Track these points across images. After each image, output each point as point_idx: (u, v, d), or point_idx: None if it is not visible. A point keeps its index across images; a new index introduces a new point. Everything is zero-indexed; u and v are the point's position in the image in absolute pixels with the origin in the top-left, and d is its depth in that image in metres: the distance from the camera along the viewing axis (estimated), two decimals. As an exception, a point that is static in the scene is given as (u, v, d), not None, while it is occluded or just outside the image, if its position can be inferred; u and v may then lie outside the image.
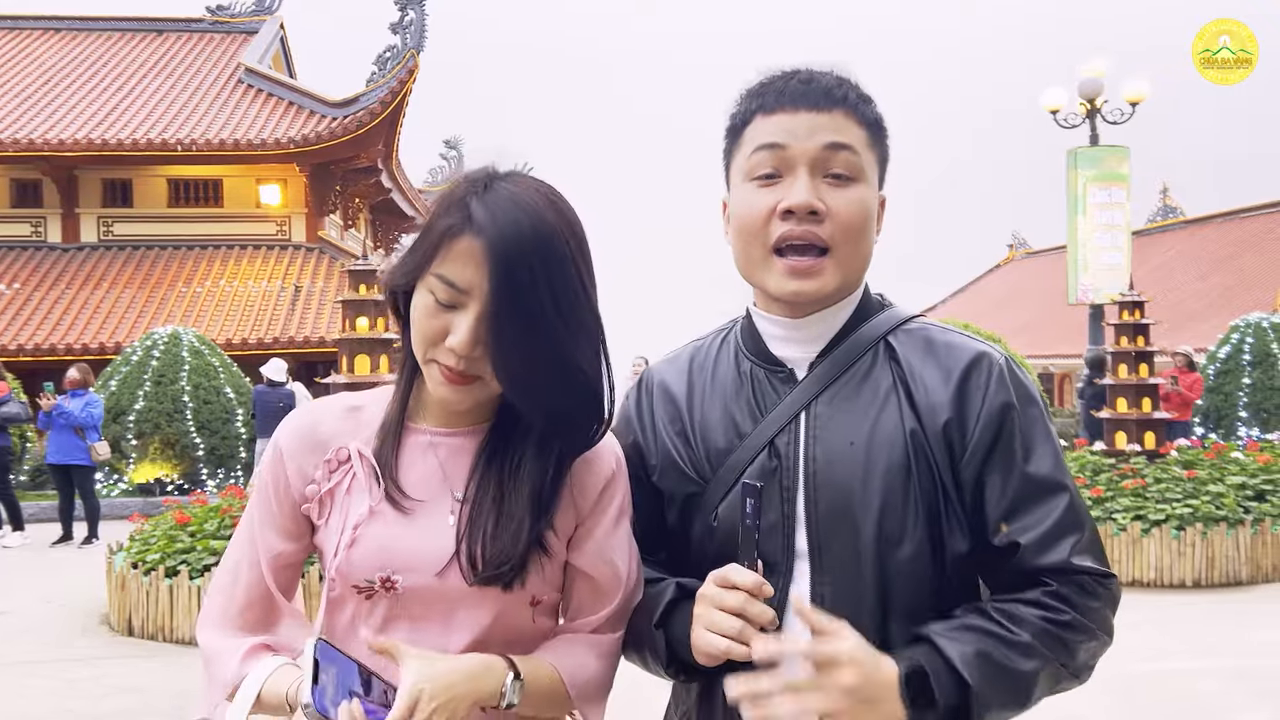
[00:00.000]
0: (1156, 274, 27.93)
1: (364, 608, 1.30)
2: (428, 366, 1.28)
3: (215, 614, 1.37)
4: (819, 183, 1.29)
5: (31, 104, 21.14)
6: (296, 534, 1.36)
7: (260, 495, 1.37)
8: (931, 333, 1.38)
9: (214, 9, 25.95)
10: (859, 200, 1.31)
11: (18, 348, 17.22)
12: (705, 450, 1.37)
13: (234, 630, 1.35)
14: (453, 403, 1.29)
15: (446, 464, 1.33)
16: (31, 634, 6.84)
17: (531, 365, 1.22)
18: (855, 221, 1.30)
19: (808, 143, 1.29)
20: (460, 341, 1.22)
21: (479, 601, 1.28)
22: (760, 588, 1.22)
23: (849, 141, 1.30)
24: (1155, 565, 7.74)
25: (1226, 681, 5.41)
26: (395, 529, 1.28)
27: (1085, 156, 15.75)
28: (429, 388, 1.29)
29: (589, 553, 1.34)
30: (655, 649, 1.33)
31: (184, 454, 13.58)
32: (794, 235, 1.29)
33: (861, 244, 1.32)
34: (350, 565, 1.28)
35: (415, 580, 1.27)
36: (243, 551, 1.38)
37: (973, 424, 1.29)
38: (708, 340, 1.50)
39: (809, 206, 1.28)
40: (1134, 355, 8.79)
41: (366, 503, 1.30)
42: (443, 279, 1.23)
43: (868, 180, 1.32)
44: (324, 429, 1.35)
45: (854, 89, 1.35)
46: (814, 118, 1.30)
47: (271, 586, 1.35)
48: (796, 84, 1.33)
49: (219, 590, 1.38)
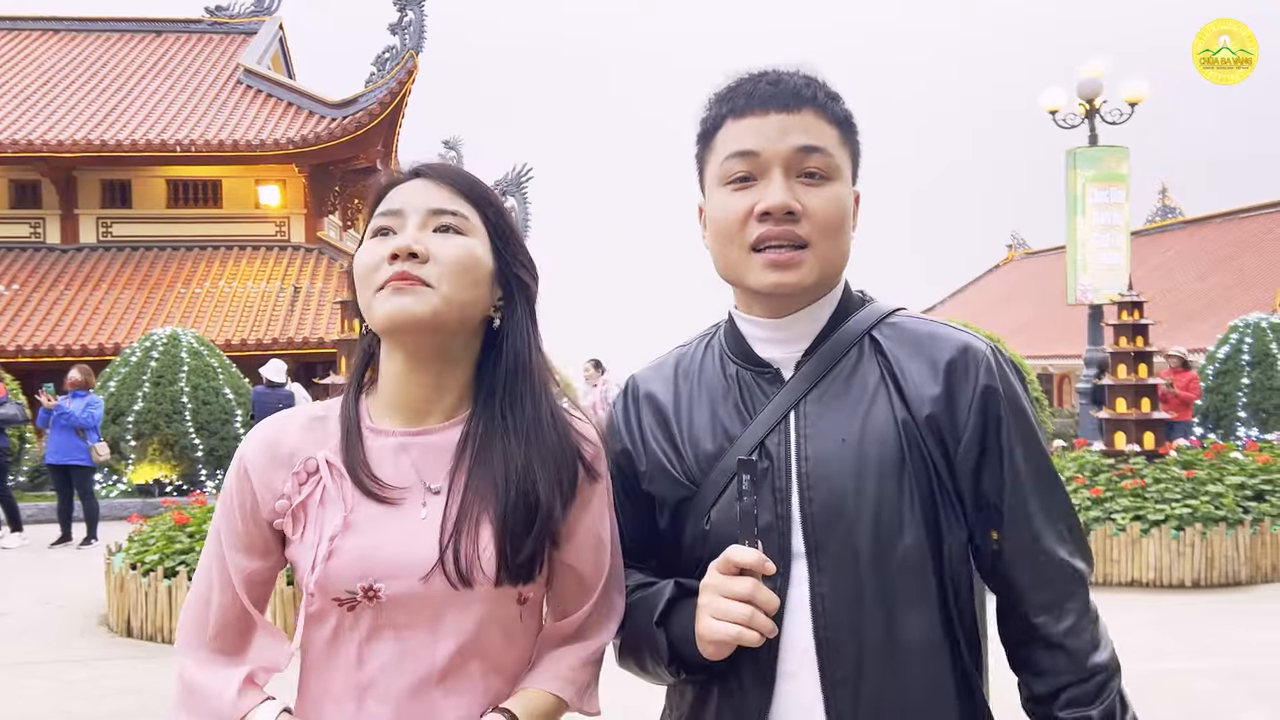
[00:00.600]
0: (1155, 274, 27.94)
1: (347, 620, 1.27)
2: (375, 300, 1.26)
3: (191, 639, 1.34)
4: (793, 183, 1.30)
5: (30, 105, 21.12)
6: (265, 551, 1.33)
7: (226, 515, 1.33)
8: (916, 325, 1.38)
9: (213, 10, 25.93)
10: (834, 198, 1.31)
11: (16, 349, 17.21)
12: (695, 455, 1.37)
13: (213, 655, 1.32)
14: (402, 314, 1.24)
15: (419, 464, 1.30)
16: (30, 635, 6.83)
17: (506, 227, 1.34)
18: (832, 219, 1.31)
19: (780, 145, 1.30)
20: (403, 239, 1.26)
21: (466, 603, 1.25)
22: (763, 564, 1.22)
23: (820, 142, 1.31)
24: (1154, 565, 7.74)
25: (1226, 681, 5.41)
26: (373, 537, 1.25)
27: (1084, 157, 15.75)
28: (376, 320, 1.27)
29: (576, 544, 1.34)
30: (656, 648, 1.32)
31: (183, 455, 13.56)
32: (772, 235, 1.30)
33: (839, 240, 1.33)
34: (329, 578, 1.24)
35: (399, 587, 1.24)
36: (213, 573, 1.34)
37: (964, 413, 1.30)
38: (691, 346, 1.50)
39: (785, 207, 1.28)
40: (1133, 355, 8.79)
41: (340, 513, 1.26)
42: (379, 215, 1.31)
43: (842, 178, 1.33)
44: (288, 442, 1.32)
45: (821, 88, 1.35)
46: (784, 119, 1.31)
47: (247, 604, 1.32)
48: (765, 86, 1.34)
49: (192, 615, 1.35)
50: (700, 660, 1.28)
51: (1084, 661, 1.30)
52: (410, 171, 1.34)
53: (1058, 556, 1.31)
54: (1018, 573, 1.31)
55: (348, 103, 20.88)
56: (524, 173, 22.31)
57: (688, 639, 1.28)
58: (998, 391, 1.30)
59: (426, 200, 1.29)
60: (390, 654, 1.26)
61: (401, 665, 1.27)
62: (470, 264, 1.28)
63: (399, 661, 1.26)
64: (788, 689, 1.28)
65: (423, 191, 1.30)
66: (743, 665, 1.28)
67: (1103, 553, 7.84)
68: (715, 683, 1.32)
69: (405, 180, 1.33)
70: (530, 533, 1.26)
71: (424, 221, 1.28)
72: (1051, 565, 1.31)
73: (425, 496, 1.28)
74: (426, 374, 1.31)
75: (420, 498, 1.28)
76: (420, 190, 1.31)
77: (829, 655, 1.26)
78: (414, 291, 1.24)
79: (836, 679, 1.25)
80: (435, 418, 1.32)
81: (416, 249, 1.25)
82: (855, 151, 1.38)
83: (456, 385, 1.33)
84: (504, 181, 22.14)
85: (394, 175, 1.34)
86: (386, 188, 1.33)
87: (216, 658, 1.32)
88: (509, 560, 1.25)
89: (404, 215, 1.29)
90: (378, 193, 1.34)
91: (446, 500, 1.27)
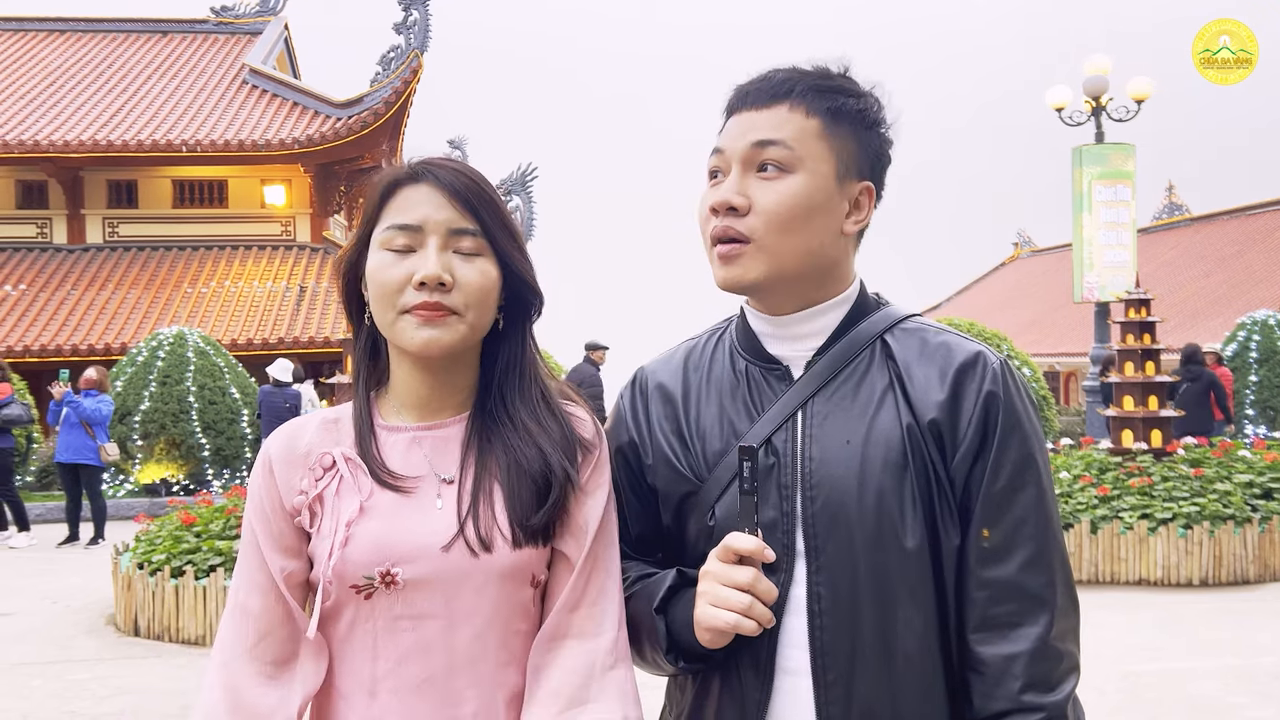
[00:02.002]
0: (1162, 271, 27.87)
1: (363, 610, 1.28)
2: (400, 321, 1.29)
3: (231, 650, 1.31)
4: (750, 178, 1.32)
5: (36, 105, 21.18)
6: (298, 550, 1.33)
7: (259, 515, 1.34)
8: (927, 333, 1.37)
9: (218, 10, 25.98)
10: (786, 191, 1.30)
11: (24, 349, 17.27)
12: (702, 450, 1.36)
13: (261, 667, 1.30)
14: (433, 345, 1.28)
15: (433, 456, 1.33)
16: (37, 634, 6.85)
17: (515, 244, 1.35)
18: (780, 211, 1.30)
19: (739, 143, 1.32)
20: (430, 269, 1.27)
21: (483, 584, 1.27)
22: (763, 552, 1.22)
23: (779, 135, 1.30)
24: (1162, 564, 7.71)
25: (1233, 680, 5.39)
26: (390, 522, 1.28)
27: (1090, 154, 15.69)
28: (404, 344, 1.30)
29: (574, 526, 1.34)
30: (655, 634, 1.32)
31: (189, 454, 13.59)
32: (717, 231, 1.33)
33: (793, 234, 1.30)
34: (346, 563, 1.26)
35: (417, 570, 1.26)
36: (253, 580, 1.33)
37: (965, 423, 1.28)
38: (702, 339, 1.49)
39: (725, 204, 1.31)
40: (1140, 353, 8.76)
41: (357, 500, 1.29)
42: (394, 226, 1.30)
43: (806, 169, 1.31)
44: (304, 441, 1.35)
45: (810, 79, 1.34)
46: (752, 117, 1.33)
47: (292, 605, 1.31)
48: (754, 84, 1.36)
49: (231, 626, 1.33)
50: (699, 649, 1.28)
51: (1015, 695, 1.22)
52: (418, 172, 1.32)
53: (1013, 573, 1.25)
54: (973, 584, 1.26)
55: (353, 102, 20.90)
56: (529, 172, 22.32)
57: (687, 626, 1.28)
58: (999, 398, 1.29)
59: (447, 220, 1.30)
60: (408, 645, 1.28)
61: (419, 656, 1.27)
62: (491, 289, 1.32)
63: (417, 652, 1.27)
64: (788, 685, 1.28)
65: (441, 208, 1.30)
66: (743, 661, 1.29)
67: (1110, 551, 7.82)
68: (716, 678, 1.32)
69: (412, 181, 1.32)
70: (543, 496, 1.30)
71: (445, 242, 1.29)
72: (1008, 583, 1.25)
73: (440, 487, 1.31)
74: (437, 376, 1.35)
75: (435, 489, 1.31)
76: (437, 205, 1.30)
77: (823, 655, 1.26)
78: (444, 324, 1.28)
79: (829, 680, 1.25)
80: (445, 413, 1.36)
81: (446, 279, 1.27)
82: (858, 145, 1.34)
83: (464, 383, 1.37)
84: (509, 181, 22.16)
85: (399, 174, 1.33)
86: (393, 187, 1.33)
87: (264, 669, 1.30)
88: (524, 521, 1.28)
89: (424, 233, 1.29)
90: (383, 191, 1.33)
91: (459, 486, 1.31)
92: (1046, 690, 1.22)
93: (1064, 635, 1.25)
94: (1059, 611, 1.25)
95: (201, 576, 6.56)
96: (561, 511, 1.32)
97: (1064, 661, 1.25)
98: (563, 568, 1.35)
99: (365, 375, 1.39)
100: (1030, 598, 1.25)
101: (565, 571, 1.34)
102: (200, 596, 6.52)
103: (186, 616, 6.55)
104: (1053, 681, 1.23)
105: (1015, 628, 1.24)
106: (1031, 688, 1.22)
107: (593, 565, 1.34)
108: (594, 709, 1.27)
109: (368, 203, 1.35)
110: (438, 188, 1.31)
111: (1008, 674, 1.22)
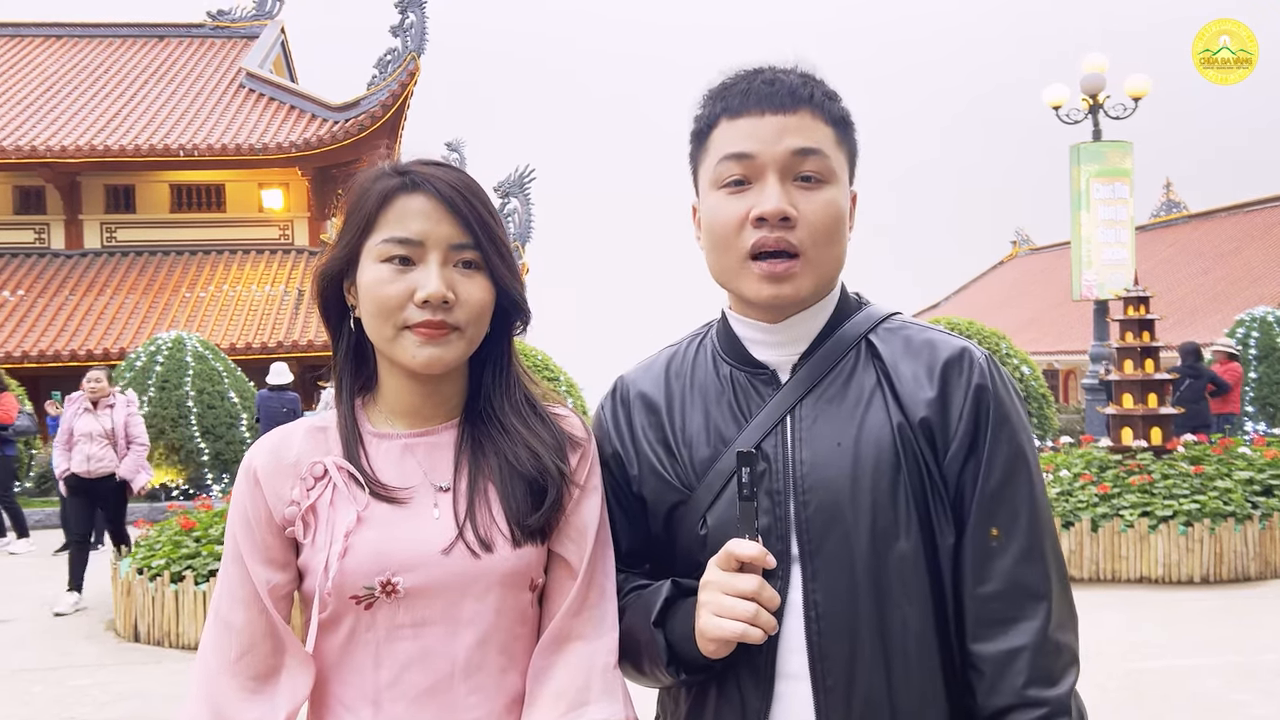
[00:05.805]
0: (1160, 269, 27.88)
1: (364, 620, 1.27)
2: (401, 338, 1.28)
3: (213, 663, 1.29)
4: (789, 187, 1.28)
5: (34, 111, 21.17)
6: (284, 562, 1.31)
7: (243, 527, 1.31)
8: (911, 330, 1.36)
9: (215, 14, 25.98)
10: (830, 202, 1.29)
11: (22, 354, 17.26)
12: (689, 458, 1.35)
13: (244, 682, 1.28)
14: (436, 363, 1.28)
15: (425, 462, 1.32)
16: (37, 640, 6.84)
17: (506, 259, 1.33)
18: (827, 224, 1.28)
19: (775, 148, 1.27)
20: (433, 288, 1.25)
21: (484, 589, 1.27)
22: (765, 558, 1.21)
23: (817, 144, 1.28)
24: (1163, 561, 7.71)
25: (1235, 678, 5.39)
26: (388, 531, 1.27)
27: (1088, 152, 15.68)
28: (405, 361, 1.29)
29: (570, 530, 1.34)
30: (654, 648, 1.30)
31: (189, 459, 13.58)
32: (768, 242, 1.27)
33: (834, 246, 1.30)
34: (346, 574, 1.25)
35: (418, 578, 1.25)
36: (234, 594, 1.30)
37: (955, 419, 1.28)
38: (682, 345, 1.47)
39: (781, 213, 1.26)
40: (1139, 350, 8.75)
41: (353, 510, 1.27)
42: (393, 240, 1.27)
43: (838, 180, 1.30)
44: (292, 451, 1.33)
45: (819, 86, 1.32)
46: (781, 120, 1.28)
47: (275, 619, 1.29)
48: (760, 85, 1.31)
49: (212, 640, 1.31)
50: (701, 660, 1.26)
51: (1019, 690, 1.22)
52: (416, 180, 1.29)
53: (1009, 568, 1.25)
54: (970, 579, 1.26)
55: (350, 105, 20.90)
56: (527, 174, 22.32)
57: (687, 638, 1.26)
58: (988, 391, 1.29)
59: (448, 236, 1.28)
60: (410, 653, 1.27)
61: (422, 664, 1.27)
62: (489, 304, 1.32)
63: (419, 660, 1.27)
64: (787, 690, 1.27)
65: (441, 222, 1.28)
66: (741, 667, 1.27)
67: (1111, 549, 7.81)
68: (713, 685, 1.31)
69: (408, 190, 1.28)
70: (539, 495, 1.30)
71: (445, 258, 1.28)
72: (1005, 578, 1.24)
73: (435, 496, 1.30)
74: (429, 386, 1.35)
75: (431, 498, 1.30)
76: (436, 218, 1.28)
77: (821, 659, 1.25)
78: (445, 342, 1.28)
79: (828, 684, 1.24)
80: (437, 419, 1.36)
81: (450, 297, 1.26)
82: (852, 151, 1.35)
83: (455, 390, 1.37)
84: (507, 183, 22.16)
85: (393, 182, 1.29)
86: (387, 196, 1.29)
87: (246, 684, 1.28)
88: (522, 520, 1.28)
89: (425, 249, 1.27)
90: (378, 199, 1.29)
91: (455, 491, 1.30)
92: (1049, 684, 1.22)
93: (1062, 625, 1.25)
94: (1055, 602, 1.25)
95: (201, 582, 6.55)
96: (560, 511, 1.32)
97: (1065, 654, 1.25)
98: (563, 572, 1.34)
99: (350, 383, 1.37)
100: (1027, 592, 1.24)
101: (566, 576, 1.34)
102: (200, 602, 6.51)
103: (186, 622, 6.54)
104: (1055, 675, 1.23)
105: (1015, 623, 1.23)
106: (1034, 682, 1.21)
107: (594, 568, 1.34)
108: (596, 708, 1.28)
109: (359, 209, 1.30)
110: (436, 200, 1.28)
111: (1010, 669, 1.22)
